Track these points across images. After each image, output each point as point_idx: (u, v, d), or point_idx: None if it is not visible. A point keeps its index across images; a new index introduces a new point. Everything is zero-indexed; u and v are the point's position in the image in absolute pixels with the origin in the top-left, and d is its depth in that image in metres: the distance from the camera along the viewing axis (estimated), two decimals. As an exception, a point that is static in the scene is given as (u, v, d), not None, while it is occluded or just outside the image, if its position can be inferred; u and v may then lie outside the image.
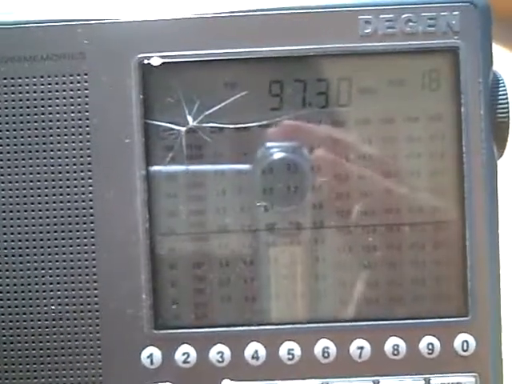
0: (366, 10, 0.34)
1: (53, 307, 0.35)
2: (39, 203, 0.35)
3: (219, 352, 0.35)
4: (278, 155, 0.35)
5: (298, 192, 0.35)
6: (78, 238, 0.35)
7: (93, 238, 0.35)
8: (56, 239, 0.35)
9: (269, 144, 0.35)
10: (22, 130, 0.35)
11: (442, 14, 0.34)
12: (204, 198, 0.35)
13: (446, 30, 0.34)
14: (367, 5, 0.34)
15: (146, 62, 0.34)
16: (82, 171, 0.35)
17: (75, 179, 0.35)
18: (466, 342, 0.34)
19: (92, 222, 0.35)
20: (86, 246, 0.35)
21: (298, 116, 0.35)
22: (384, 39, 0.34)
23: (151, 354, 0.35)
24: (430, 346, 0.34)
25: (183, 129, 0.35)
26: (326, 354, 0.34)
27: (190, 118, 0.35)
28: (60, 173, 0.35)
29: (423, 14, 0.34)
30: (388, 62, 0.35)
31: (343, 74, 0.35)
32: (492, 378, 0.34)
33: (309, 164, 0.35)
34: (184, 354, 0.35)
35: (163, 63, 0.34)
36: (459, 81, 0.34)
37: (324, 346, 0.35)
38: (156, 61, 0.34)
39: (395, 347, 0.34)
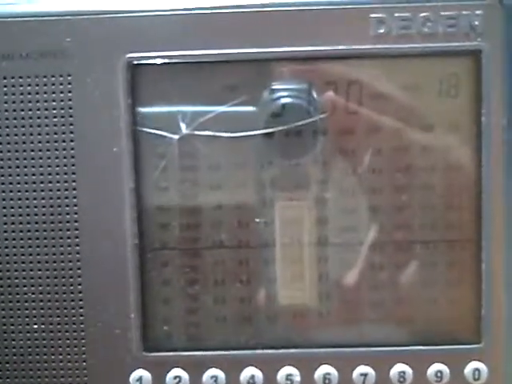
0: (378, 7, 0.31)
1: (35, 326, 0.33)
2: (20, 215, 0.32)
3: (213, 377, 0.32)
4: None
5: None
6: (62, 254, 0.32)
7: (78, 254, 0.32)
8: (38, 254, 0.32)
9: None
10: (0, 135, 0.32)
11: (464, 13, 0.31)
12: (199, 213, 0.32)
13: (468, 31, 0.31)
14: (380, 2, 0.31)
15: (135, 62, 0.31)
16: (65, 181, 0.32)
17: (58, 190, 0.32)
18: (478, 370, 0.32)
19: (77, 237, 0.32)
20: (70, 262, 0.32)
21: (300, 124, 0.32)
22: (398, 41, 0.31)
23: (140, 378, 0.33)
24: (439, 374, 0.32)
25: (176, 137, 0.32)
26: (327, 381, 0.32)
27: (183, 125, 0.32)
28: (42, 182, 0.32)
29: (443, 14, 0.31)
30: (402, 65, 0.31)
31: (353, 77, 0.32)
32: (505, 408, 0.32)
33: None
34: (175, 377, 0.32)
35: (154, 64, 0.31)
36: (480, 87, 0.31)
37: (325, 372, 0.32)
38: (146, 62, 0.31)
39: (401, 374, 0.32)
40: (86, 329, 0.32)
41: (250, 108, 0.32)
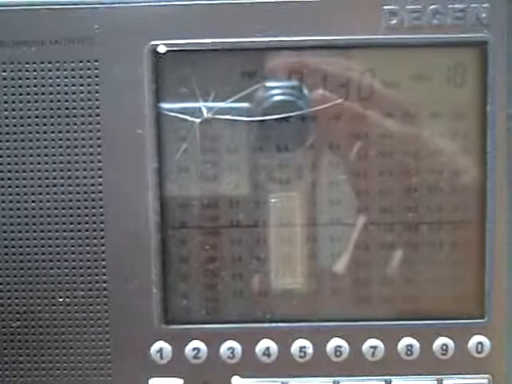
0: (391, 0, 0.32)
1: (61, 300, 0.34)
2: (47, 194, 0.34)
3: (230, 348, 0.34)
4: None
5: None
6: (86, 231, 0.34)
7: (102, 230, 0.34)
8: (65, 231, 0.34)
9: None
10: (29, 117, 0.33)
11: (472, 6, 0.32)
12: (217, 193, 0.34)
13: (475, 23, 0.33)
14: (392, -6, 0.33)
15: (158, 49, 0.33)
16: (91, 162, 0.33)
17: (84, 169, 0.33)
18: (481, 343, 0.34)
19: (102, 215, 0.34)
20: (95, 239, 0.34)
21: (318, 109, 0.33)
22: (409, 31, 0.33)
23: (161, 349, 0.34)
24: (444, 347, 0.34)
25: (197, 120, 0.33)
26: (338, 353, 0.34)
27: (204, 109, 0.33)
28: (69, 162, 0.33)
29: (451, 6, 0.32)
30: (413, 55, 0.33)
31: (366, 66, 0.33)
32: (506, 380, 0.34)
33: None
34: (194, 349, 0.34)
35: (177, 51, 0.33)
36: (486, 77, 0.33)
37: (336, 344, 0.34)
38: (169, 48, 0.33)
39: (409, 347, 0.34)
40: (110, 303, 0.34)
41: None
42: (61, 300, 0.34)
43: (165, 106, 0.33)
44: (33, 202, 0.34)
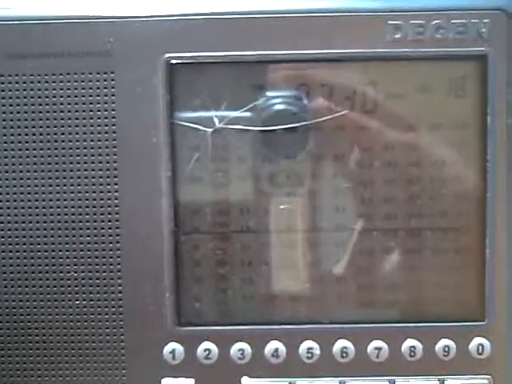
0: (395, 15, 0.34)
1: (77, 302, 0.35)
2: (65, 200, 0.35)
3: (240, 349, 0.35)
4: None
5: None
6: (102, 236, 0.35)
7: (118, 235, 0.35)
8: (81, 236, 0.35)
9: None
10: (48, 127, 0.35)
11: (472, 21, 0.34)
12: (228, 200, 0.35)
13: (476, 38, 0.34)
14: (397, 10, 0.34)
15: (173, 61, 0.34)
16: (107, 169, 0.35)
17: (101, 177, 0.35)
18: (482, 345, 0.35)
19: (117, 220, 0.35)
20: (110, 243, 0.35)
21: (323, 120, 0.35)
22: (413, 45, 0.34)
23: (173, 350, 0.35)
24: (446, 349, 0.35)
25: (209, 130, 0.35)
26: (344, 354, 0.35)
27: (216, 119, 0.35)
28: (86, 170, 0.35)
29: (453, 21, 0.34)
30: (416, 67, 0.35)
31: (370, 78, 0.35)
32: (506, 381, 0.35)
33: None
34: (206, 350, 0.35)
35: (190, 63, 0.34)
36: (486, 89, 0.34)
37: (342, 345, 0.35)
38: (183, 61, 0.34)
39: (412, 349, 0.35)
40: (124, 306, 0.35)
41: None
42: (77, 303, 0.35)
43: (178, 115, 0.35)
44: (50, 207, 0.35)
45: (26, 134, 0.35)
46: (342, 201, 0.35)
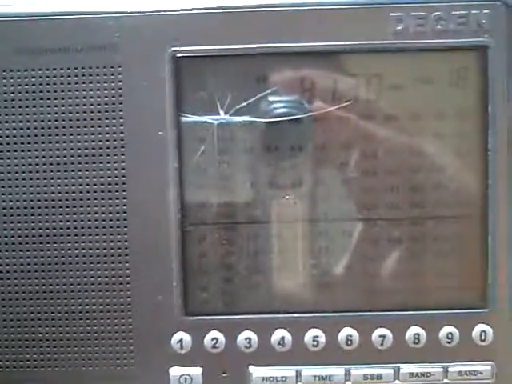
0: (397, 7, 0.34)
1: (86, 293, 0.36)
2: (73, 192, 0.36)
3: (247, 338, 0.36)
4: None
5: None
6: (111, 228, 0.36)
7: (126, 227, 0.36)
8: (90, 227, 0.36)
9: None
10: (56, 120, 0.35)
11: (473, 12, 0.34)
12: (233, 192, 0.36)
13: (476, 29, 0.35)
14: (398, 2, 0.35)
15: (179, 55, 0.35)
16: (115, 162, 0.35)
17: (109, 169, 0.35)
18: (484, 332, 0.36)
19: (125, 212, 0.35)
20: (118, 234, 0.36)
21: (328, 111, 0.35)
22: (414, 37, 0.35)
23: (181, 339, 0.36)
24: (450, 336, 0.36)
25: (215, 122, 0.35)
26: (349, 342, 0.36)
27: (222, 112, 0.35)
28: (94, 163, 0.35)
29: (454, 13, 0.34)
30: (417, 59, 0.35)
31: (373, 70, 0.35)
32: (508, 367, 0.36)
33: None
34: (213, 339, 0.36)
35: (196, 57, 0.35)
36: (487, 79, 0.35)
37: (347, 334, 0.36)
38: (189, 54, 0.35)
39: (416, 336, 0.36)
40: (133, 296, 0.36)
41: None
42: (86, 293, 0.36)
43: (185, 108, 0.35)
44: (59, 200, 0.36)
45: (35, 128, 0.35)
46: (346, 191, 0.36)
